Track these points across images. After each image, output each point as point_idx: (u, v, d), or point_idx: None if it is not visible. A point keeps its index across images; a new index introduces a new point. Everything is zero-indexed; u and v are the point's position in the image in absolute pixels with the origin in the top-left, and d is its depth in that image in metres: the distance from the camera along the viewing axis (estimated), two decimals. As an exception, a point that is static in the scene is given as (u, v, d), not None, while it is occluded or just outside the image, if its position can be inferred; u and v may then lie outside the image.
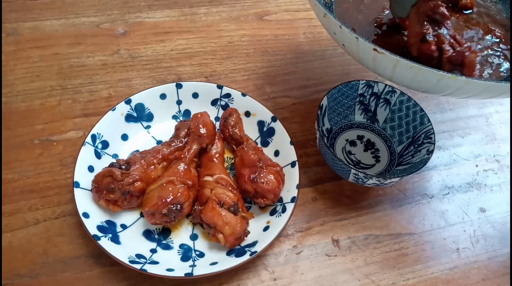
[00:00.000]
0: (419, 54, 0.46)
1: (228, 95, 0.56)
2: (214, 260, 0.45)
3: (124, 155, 0.52)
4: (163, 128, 0.55)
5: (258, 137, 0.55)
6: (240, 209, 0.46)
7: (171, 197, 0.45)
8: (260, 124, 0.55)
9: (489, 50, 0.50)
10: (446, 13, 0.45)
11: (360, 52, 0.41)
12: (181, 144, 0.51)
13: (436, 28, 0.46)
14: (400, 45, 0.51)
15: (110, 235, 0.45)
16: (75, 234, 0.47)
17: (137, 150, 0.52)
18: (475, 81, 0.37)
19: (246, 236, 0.46)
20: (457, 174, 0.57)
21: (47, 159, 0.53)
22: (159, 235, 0.48)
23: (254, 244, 0.45)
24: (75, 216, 0.48)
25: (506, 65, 0.49)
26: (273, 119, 0.54)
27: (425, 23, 0.45)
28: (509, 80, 0.47)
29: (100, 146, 0.51)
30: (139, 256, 0.44)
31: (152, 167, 0.48)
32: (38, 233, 0.47)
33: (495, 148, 0.61)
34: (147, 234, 0.47)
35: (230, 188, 0.47)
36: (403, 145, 0.55)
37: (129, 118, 0.54)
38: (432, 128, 0.52)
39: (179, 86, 0.56)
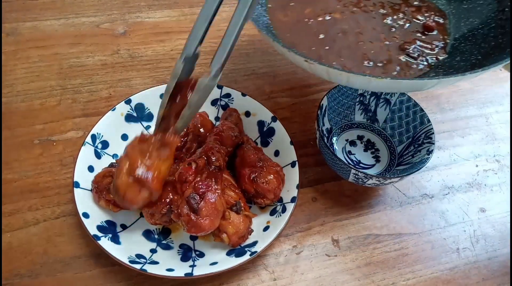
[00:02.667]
0: None
1: (228, 95, 0.56)
2: (214, 260, 0.45)
3: (124, 155, 0.52)
4: (163, 128, 0.55)
5: (258, 137, 0.55)
6: (242, 208, 0.46)
7: (171, 197, 0.45)
8: (260, 124, 0.55)
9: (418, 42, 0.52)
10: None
11: (295, 62, 0.43)
12: (180, 144, 0.51)
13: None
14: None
15: (110, 235, 0.45)
16: (75, 234, 0.47)
17: (137, 150, 0.52)
18: (400, 81, 0.41)
19: (250, 235, 0.46)
20: (457, 174, 0.57)
21: (47, 159, 0.53)
22: (159, 235, 0.48)
23: (254, 244, 0.45)
24: (75, 216, 0.48)
25: (430, 59, 0.51)
26: (273, 119, 0.54)
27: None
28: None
29: (100, 146, 0.51)
30: (139, 256, 0.44)
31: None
32: (38, 233, 0.47)
33: (495, 148, 0.61)
34: (147, 234, 0.47)
35: (232, 188, 0.47)
36: (403, 145, 0.55)
37: (129, 118, 0.54)
38: (432, 128, 0.52)
39: (179, 86, 0.56)
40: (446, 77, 0.39)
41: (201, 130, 0.51)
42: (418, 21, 0.54)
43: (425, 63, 0.50)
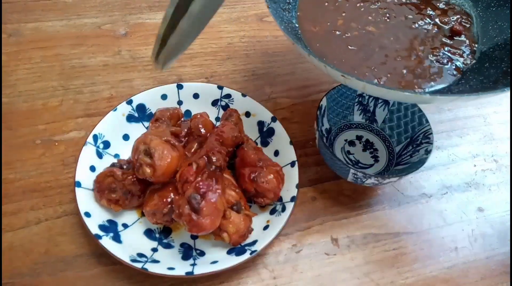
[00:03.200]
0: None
1: (228, 96, 0.57)
2: (215, 259, 0.45)
3: (125, 155, 0.52)
4: (164, 128, 0.56)
5: (258, 137, 0.56)
6: (243, 207, 0.46)
7: (172, 197, 0.45)
8: (260, 124, 0.56)
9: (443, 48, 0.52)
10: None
11: (331, 75, 0.44)
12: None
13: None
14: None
15: (111, 234, 0.45)
16: (76, 233, 0.48)
17: (138, 150, 0.53)
18: (438, 97, 0.40)
19: (250, 234, 0.47)
20: (456, 174, 0.58)
21: (49, 159, 0.53)
22: (160, 234, 0.48)
23: (254, 243, 0.46)
24: (76, 215, 0.49)
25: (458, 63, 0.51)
26: (273, 120, 0.55)
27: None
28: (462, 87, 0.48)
29: (101, 146, 0.51)
30: (140, 255, 0.44)
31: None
32: (40, 232, 0.48)
33: (493, 148, 0.61)
34: (148, 233, 0.48)
35: (232, 187, 0.48)
36: (402, 145, 0.55)
37: (130, 118, 0.54)
38: (431, 128, 0.52)
39: (180, 87, 0.56)
40: (485, 93, 0.39)
41: (202, 130, 0.52)
42: (445, 26, 0.53)
43: (454, 68, 0.49)
